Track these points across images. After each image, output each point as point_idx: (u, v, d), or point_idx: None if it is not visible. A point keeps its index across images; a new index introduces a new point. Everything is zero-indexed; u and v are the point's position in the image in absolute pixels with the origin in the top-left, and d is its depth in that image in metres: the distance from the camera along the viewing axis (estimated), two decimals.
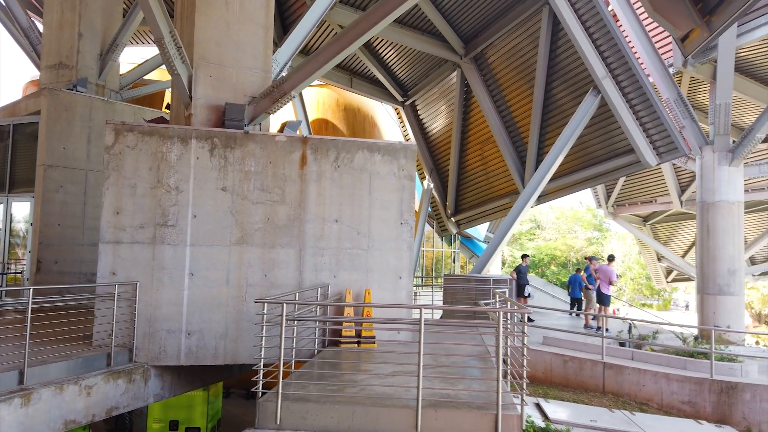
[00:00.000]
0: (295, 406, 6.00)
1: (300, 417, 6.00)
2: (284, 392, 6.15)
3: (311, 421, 5.98)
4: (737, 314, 16.23)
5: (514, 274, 15.06)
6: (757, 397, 9.03)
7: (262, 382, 6.25)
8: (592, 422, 7.64)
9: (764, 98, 17.70)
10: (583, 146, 15.24)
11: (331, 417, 6.01)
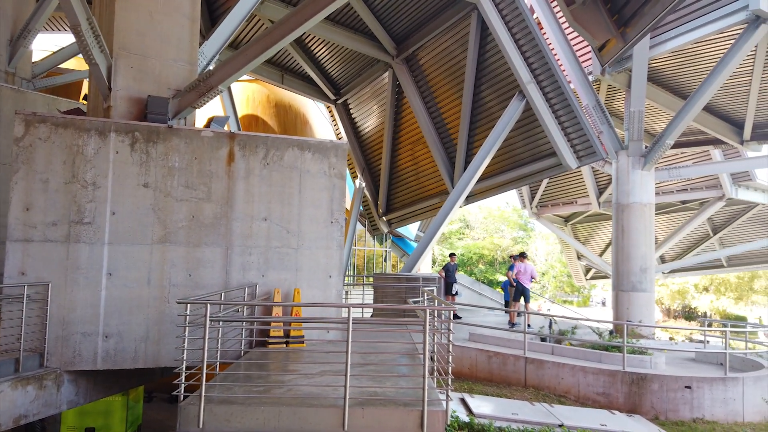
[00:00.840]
0: (219, 409, 5.86)
1: (224, 420, 5.86)
2: (208, 395, 5.98)
3: (236, 423, 5.85)
4: (648, 310, 17.27)
5: (443, 272, 15.35)
6: (664, 387, 9.66)
7: (184, 385, 6.05)
8: (513, 415, 7.91)
9: (674, 107, 18.93)
10: (509, 149, 15.75)
11: (257, 419, 5.91)
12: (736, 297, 49.35)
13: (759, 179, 23.48)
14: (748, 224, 26.56)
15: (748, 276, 46.97)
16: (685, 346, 15.10)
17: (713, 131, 20.22)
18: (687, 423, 9.40)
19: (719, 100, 19.27)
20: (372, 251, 29.89)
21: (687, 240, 28.33)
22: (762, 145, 20.57)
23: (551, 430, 7.26)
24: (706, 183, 23.77)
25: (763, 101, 18.53)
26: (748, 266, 30.06)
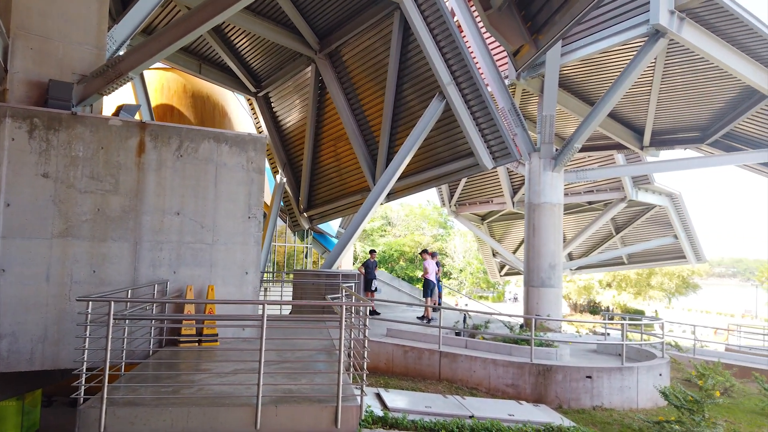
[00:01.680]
0: (123, 411, 5.59)
1: (128, 422, 5.60)
2: (110, 397, 5.70)
3: (140, 426, 5.61)
4: (556, 304, 18.22)
5: (363, 269, 15.44)
6: (568, 378, 10.23)
7: (84, 388, 5.74)
8: (427, 408, 8.10)
9: (582, 112, 20.04)
10: (430, 147, 16.06)
11: (164, 420, 5.69)
12: (636, 292, 53.05)
13: (657, 183, 25.33)
14: (646, 224, 28.57)
15: (646, 273, 50.64)
16: (588, 338, 16.05)
17: (617, 137, 21.57)
18: (587, 411, 10.01)
19: (622, 108, 20.59)
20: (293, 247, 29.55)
21: (592, 239, 30.09)
22: (659, 151, 22.17)
23: (462, 421, 7.50)
24: (610, 185, 25.34)
25: (661, 110, 19.98)
26: (647, 263, 32.35)
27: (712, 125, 20.10)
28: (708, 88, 18.15)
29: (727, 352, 19.34)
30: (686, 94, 18.80)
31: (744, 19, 14.26)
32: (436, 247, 63.40)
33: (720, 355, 17.61)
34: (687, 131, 20.94)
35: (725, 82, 17.48)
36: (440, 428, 7.13)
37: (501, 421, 7.82)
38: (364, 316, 7.35)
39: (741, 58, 15.42)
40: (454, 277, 64.35)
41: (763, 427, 10.70)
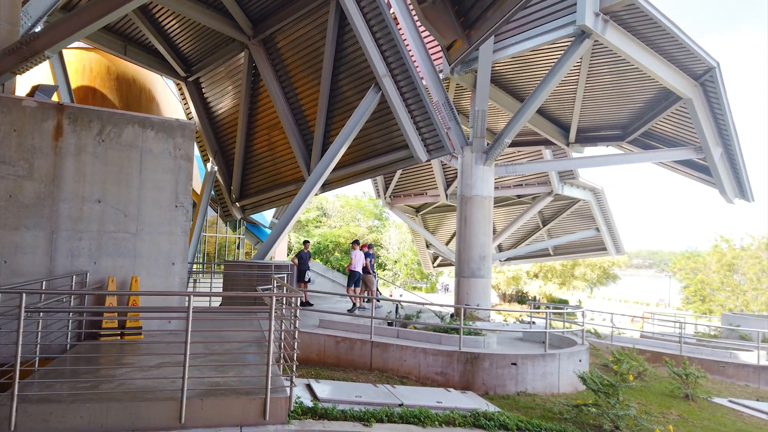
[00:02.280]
0: (36, 408, 5.31)
1: (41, 420, 5.32)
2: (22, 393, 5.40)
3: (55, 423, 5.35)
4: (486, 294, 18.75)
5: (296, 260, 15.31)
6: (494, 365, 10.57)
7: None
8: (357, 398, 8.15)
9: (513, 108, 20.63)
10: (365, 139, 16.07)
11: (81, 417, 5.45)
12: (560, 282, 55.41)
13: (581, 178, 26.51)
14: (571, 218, 29.87)
15: (571, 264, 52.98)
16: (515, 327, 16.63)
17: (545, 133, 22.38)
18: (512, 396, 10.39)
19: (550, 105, 21.36)
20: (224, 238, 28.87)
21: (521, 231, 31.15)
22: (584, 148, 23.19)
23: (391, 410, 7.59)
24: (537, 180, 26.28)
25: (585, 108, 20.89)
26: (571, 255, 33.83)
27: (631, 124, 21.21)
28: (628, 88, 19.13)
29: (642, 339, 20.56)
30: (609, 94, 19.73)
31: (663, 24, 15.09)
32: (372, 238, 63.74)
33: (635, 342, 18.72)
34: (609, 129, 22.00)
35: (644, 83, 18.48)
36: (369, 417, 7.19)
37: (429, 409, 7.97)
38: (295, 307, 7.30)
39: (659, 61, 16.33)
40: (389, 269, 64.93)
41: (671, 407, 11.48)
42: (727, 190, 19.91)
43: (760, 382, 15.47)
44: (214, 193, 20.96)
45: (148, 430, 5.65)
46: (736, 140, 18.56)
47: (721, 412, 11.87)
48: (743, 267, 38.25)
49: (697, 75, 17.13)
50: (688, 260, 44.18)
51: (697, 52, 15.97)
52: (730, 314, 24.10)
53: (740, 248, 39.74)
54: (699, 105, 17.58)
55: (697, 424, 10.50)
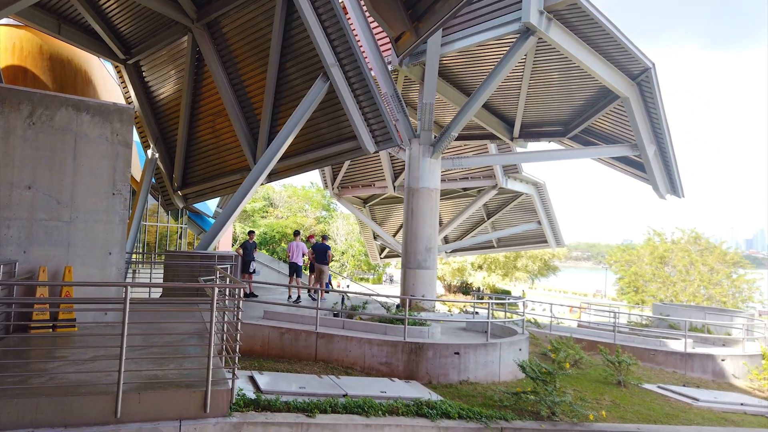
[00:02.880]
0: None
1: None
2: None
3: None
4: (431, 285, 19.01)
5: (240, 250, 15.05)
6: (437, 354, 10.75)
7: None
8: (301, 389, 8.12)
9: (460, 102, 20.89)
10: (313, 128, 15.91)
11: (8, 413, 5.20)
12: (504, 274, 56.81)
13: (524, 172, 27.19)
14: (514, 211, 30.62)
15: (513, 256, 54.40)
16: (459, 317, 16.94)
17: (490, 127, 22.80)
18: (455, 385, 10.60)
19: (496, 100, 21.77)
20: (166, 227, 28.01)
21: (466, 223, 31.71)
22: (527, 143, 23.78)
23: (335, 400, 7.61)
24: (483, 173, 26.78)
25: (529, 104, 21.40)
26: (513, 247, 34.72)
27: (572, 121, 21.89)
28: (570, 86, 19.72)
29: (579, 328, 21.37)
30: (551, 91, 20.29)
31: (603, 25, 15.62)
32: (319, 229, 63.38)
33: (572, 331, 19.43)
34: (551, 125, 22.63)
35: (585, 81, 19.09)
36: (313, 408, 7.17)
37: (373, 399, 8.04)
38: (238, 298, 7.18)
39: (599, 60, 16.90)
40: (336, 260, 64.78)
41: (605, 393, 12.00)
42: (660, 187, 20.88)
43: (686, 369, 16.39)
44: (155, 181, 20.29)
45: (81, 425, 5.44)
46: (668, 139, 19.48)
47: (651, 397, 12.50)
48: (673, 260, 40.29)
49: (634, 75, 17.84)
50: (623, 253, 46.15)
51: (635, 52, 16.63)
52: (660, 304, 25.37)
53: (671, 242, 41.82)
54: (635, 104, 18.32)
55: (628, 409, 11.03)
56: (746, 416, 12.16)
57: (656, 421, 10.42)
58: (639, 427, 9.74)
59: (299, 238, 15.73)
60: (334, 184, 29.44)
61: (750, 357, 17.25)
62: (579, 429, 9.02)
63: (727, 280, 38.12)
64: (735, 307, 35.02)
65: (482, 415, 8.49)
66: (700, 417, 11.31)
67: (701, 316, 21.26)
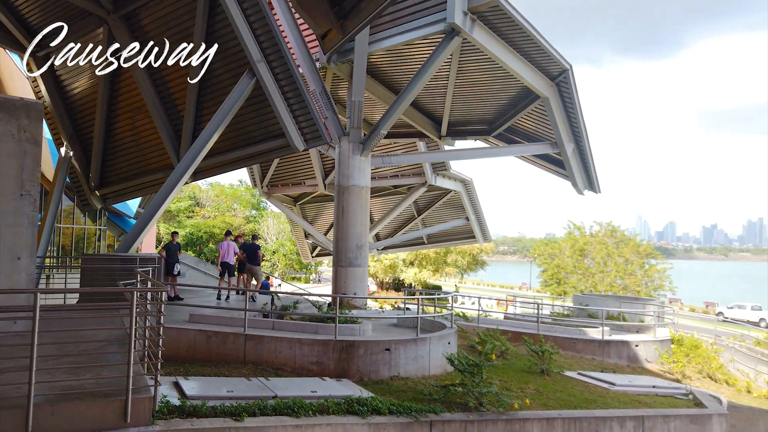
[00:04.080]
0: None
1: None
2: None
3: None
4: (363, 283, 19.07)
5: (163, 252, 14.52)
6: (369, 351, 10.82)
7: None
8: (229, 393, 7.95)
9: (388, 100, 21.04)
10: (240, 125, 15.52)
11: None
12: (434, 269, 57.90)
13: (453, 170, 27.78)
14: (443, 207, 31.24)
15: (444, 251, 55.53)
16: (390, 313, 17.14)
17: (419, 126, 23.14)
18: (386, 381, 10.71)
19: (424, 99, 22.11)
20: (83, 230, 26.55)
21: (397, 220, 32.04)
22: (455, 141, 24.31)
23: (264, 402, 7.51)
24: (412, 171, 27.13)
25: (456, 103, 21.89)
26: (443, 243, 35.46)
27: (497, 119, 22.58)
28: (494, 85, 20.34)
29: (506, 320, 22.13)
30: (476, 90, 20.84)
31: (523, 27, 16.18)
32: (248, 228, 62.08)
33: (499, 323, 20.09)
34: (477, 124, 23.25)
35: (508, 81, 19.74)
36: (241, 411, 7.04)
37: (304, 399, 7.99)
38: (160, 301, 6.93)
39: (520, 61, 17.52)
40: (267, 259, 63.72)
41: (529, 382, 12.49)
42: (578, 183, 21.92)
43: (604, 355, 17.34)
44: (69, 181, 19.17)
45: None
46: (586, 137, 20.48)
47: (572, 384, 13.14)
48: (592, 252, 42.48)
49: (553, 75, 18.62)
50: (546, 247, 48.17)
51: (553, 54, 17.36)
52: (580, 295, 26.68)
53: (590, 235, 44.08)
54: (555, 103, 19.13)
55: (551, 396, 11.53)
56: (657, 398, 13.02)
57: (576, 406, 10.96)
58: (560, 413, 10.22)
59: (230, 238, 15.43)
60: (263, 183, 28.91)
61: (661, 342, 18.47)
62: (504, 418, 9.35)
63: (641, 270, 40.63)
64: (648, 295, 37.39)
65: (412, 409, 8.63)
66: (615, 400, 12.00)
67: (617, 305, 22.53)
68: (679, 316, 45.01)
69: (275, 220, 66.11)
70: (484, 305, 38.77)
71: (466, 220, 31.24)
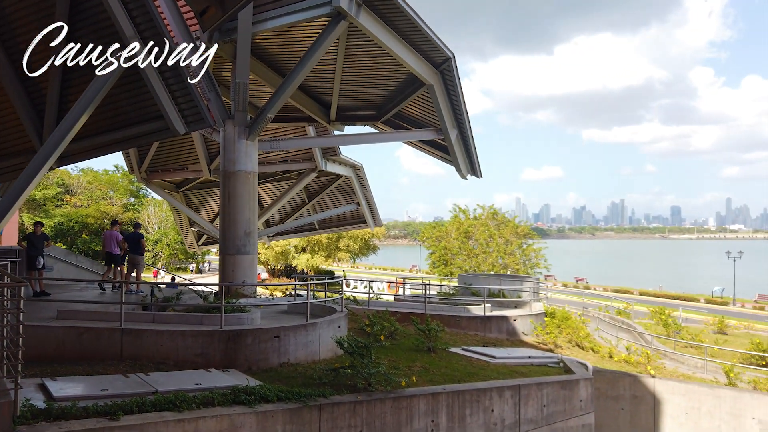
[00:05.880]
0: None
1: None
2: None
3: None
4: (252, 270, 18.58)
5: (24, 243, 13.25)
6: (257, 340, 10.62)
7: None
8: (103, 391, 7.45)
9: (276, 83, 20.54)
10: (113, 106, 14.38)
11: None
12: (327, 255, 57.98)
13: (342, 155, 27.83)
14: (334, 193, 31.24)
15: (335, 237, 55.74)
16: (281, 300, 16.92)
17: (308, 110, 22.84)
18: (275, 368, 10.59)
19: (312, 83, 21.85)
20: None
21: (288, 206, 31.59)
22: (344, 126, 24.32)
23: (143, 399, 7.13)
24: (302, 156, 26.81)
25: (344, 88, 21.84)
26: (335, 228, 35.47)
27: (385, 105, 22.87)
28: (381, 71, 20.54)
29: (395, 302, 22.72)
30: (364, 75, 20.95)
31: (408, 14, 16.44)
32: (127, 217, 58.27)
33: (389, 305, 20.58)
34: (366, 109, 23.41)
35: (395, 68, 20.01)
36: (117, 410, 6.63)
37: (187, 392, 7.69)
38: (19, 297, 6.31)
39: (406, 48, 17.81)
40: (149, 249, 60.31)
41: (416, 360, 12.94)
42: (462, 168, 22.84)
43: (485, 331, 18.37)
44: None
45: None
46: (468, 124, 21.34)
47: (456, 359, 13.80)
48: (476, 234, 44.67)
49: (437, 63, 19.16)
50: (434, 230, 49.92)
51: (437, 42, 17.84)
52: (464, 275, 28.01)
53: (474, 218, 46.30)
54: (439, 91, 19.72)
55: (437, 372, 12.03)
56: (533, 367, 14.04)
57: (460, 380, 11.53)
58: (445, 388, 10.70)
59: (116, 228, 14.46)
60: (141, 168, 27.14)
61: (536, 315, 19.91)
62: (392, 396, 9.62)
63: (519, 250, 43.41)
64: (525, 273, 40.11)
65: (301, 394, 8.62)
66: (495, 372, 12.78)
67: (497, 283, 23.92)
68: (553, 291, 48.77)
69: (157, 208, 62.67)
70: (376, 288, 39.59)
71: (357, 205, 31.49)
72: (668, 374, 18.65)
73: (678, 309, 41.09)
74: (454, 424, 10.58)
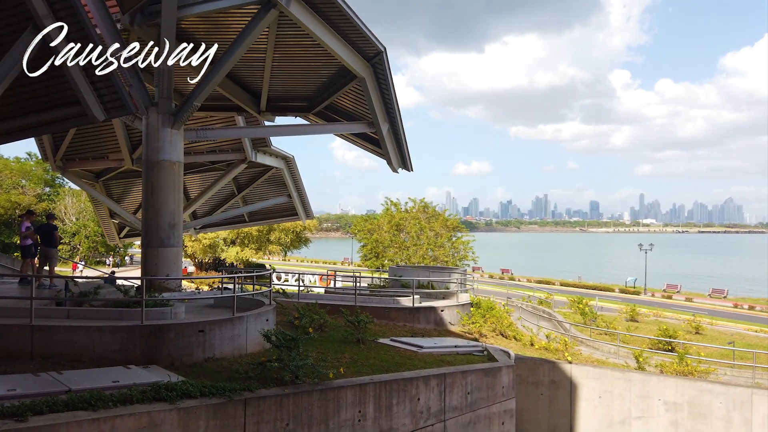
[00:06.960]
0: None
1: None
2: None
3: None
4: (176, 264, 17.96)
5: None
6: (180, 335, 10.33)
7: None
8: (9, 391, 7.04)
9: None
10: (24, 89, 13.47)
11: None
12: (257, 248, 56.97)
13: (274, 146, 27.38)
14: (265, 185, 30.70)
15: (266, 229, 54.85)
16: (207, 294, 16.52)
17: (237, 99, 22.27)
18: (199, 364, 10.34)
19: (242, 72, 21.33)
20: None
21: (216, 198, 30.76)
22: (275, 117, 23.92)
23: (55, 398, 6.79)
24: (231, 146, 26.16)
25: (275, 78, 21.44)
26: (265, 221, 34.86)
27: (317, 97, 22.67)
28: (313, 62, 20.33)
29: (326, 294, 22.66)
30: (295, 66, 20.66)
31: (340, 7, 16.37)
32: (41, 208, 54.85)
33: (319, 298, 20.50)
34: (297, 100, 23.11)
35: (326, 59, 19.86)
36: (25, 411, 6.28)
37: (103, 390, 7.39)
38: None
39: (338, 41, 17.71)
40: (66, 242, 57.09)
41: (345, 352, 13.01)
42: (393, 161, 23.03)
43: (414, 321, 18.71)
44: None
45: None
46: (399, 118, 21.54)
47: (385, 350, 13.98)
48: (407, 226, 45.25)
49: (370, 57, 19.19)
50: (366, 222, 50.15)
51: (369, 35, 17.86)
52: (395, 267, 28.36)
53: (405, 211, 46.86)
54: (371, 84, 19.76)
55: (365, 363, 12.16)
56: (458, 356, 14.44)
57: (387, 370, 11.70)
58: (372, 378, 10.83)
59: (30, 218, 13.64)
60: (56, 156, 25.56)
61: (462, 306, 20.47)
62: (319, 388, 9.64)
63: (449, 242, 44.38)
64: (454, 265, 41.07)
65: (226, 389, 8.48)
66: (422, 362, 13.06)
67: (427, 275, 24.40)
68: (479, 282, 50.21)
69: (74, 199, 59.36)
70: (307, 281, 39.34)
71: (288, 197, 31.10)
72: (584, 360, 19.72)
73: (594, 298, 43.35)
74: (381, 413, 10.74)
